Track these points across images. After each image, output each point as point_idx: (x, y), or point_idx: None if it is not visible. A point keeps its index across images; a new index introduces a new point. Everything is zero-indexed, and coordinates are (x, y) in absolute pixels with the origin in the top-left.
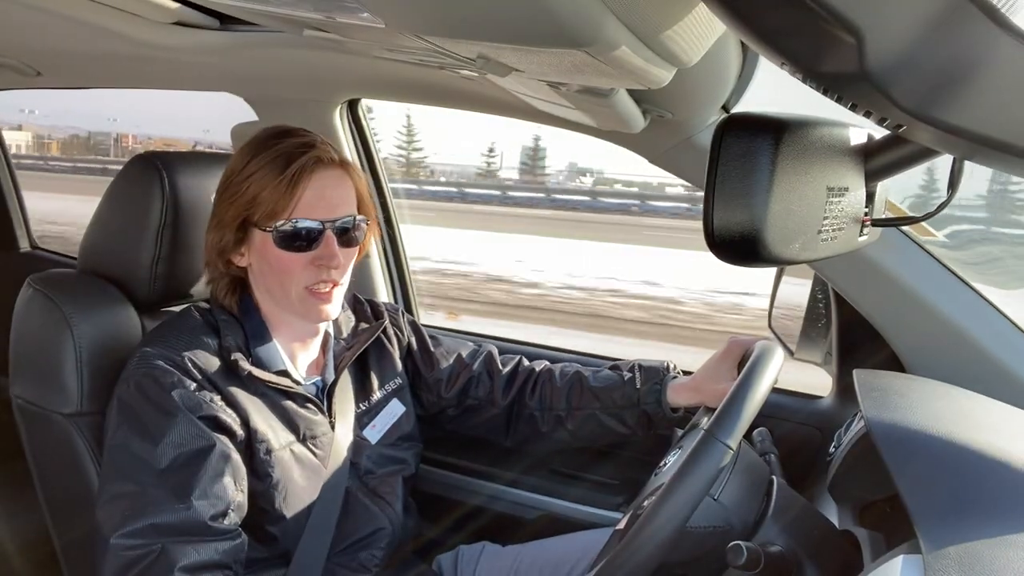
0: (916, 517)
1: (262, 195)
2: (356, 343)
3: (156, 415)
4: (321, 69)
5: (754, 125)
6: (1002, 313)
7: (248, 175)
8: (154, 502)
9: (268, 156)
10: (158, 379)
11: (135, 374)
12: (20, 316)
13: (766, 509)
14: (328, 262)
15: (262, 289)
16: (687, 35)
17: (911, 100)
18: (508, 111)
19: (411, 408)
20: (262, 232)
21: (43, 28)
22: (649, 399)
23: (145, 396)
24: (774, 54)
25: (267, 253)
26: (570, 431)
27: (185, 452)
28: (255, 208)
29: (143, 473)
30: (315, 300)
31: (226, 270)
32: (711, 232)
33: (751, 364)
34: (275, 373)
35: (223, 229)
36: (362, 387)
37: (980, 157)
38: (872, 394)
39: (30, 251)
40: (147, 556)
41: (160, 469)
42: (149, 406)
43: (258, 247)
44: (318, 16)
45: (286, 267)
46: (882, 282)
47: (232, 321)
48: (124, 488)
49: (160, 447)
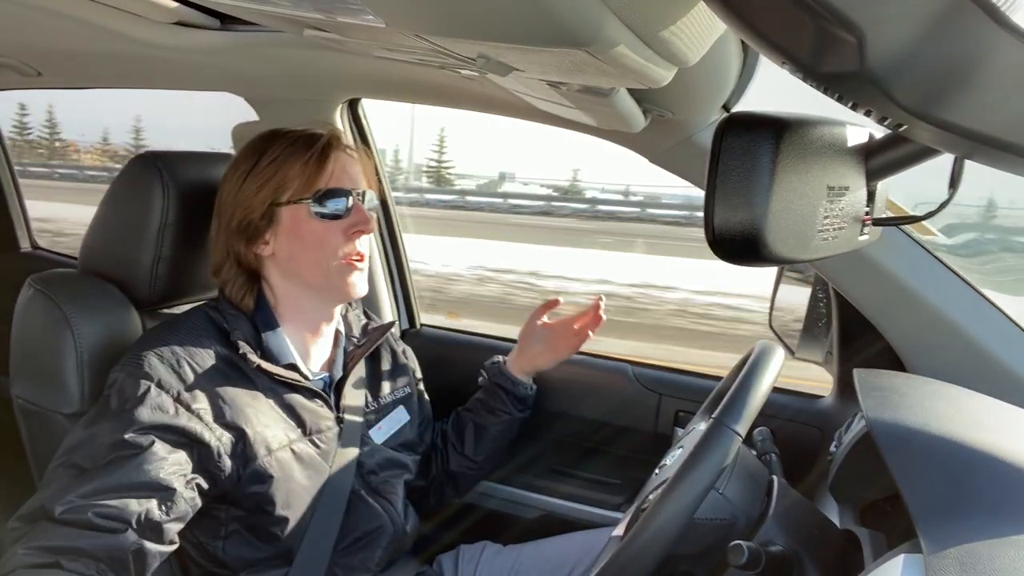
0: (917, 516)
1: (291, 173)
2: (367, 341)
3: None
4: (321, 69)
5: (755, 124)
6: (1003, 312)
7: (270, 161)
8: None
9: (286, 141)
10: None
11: (123, 367)
12: (21, 316)
13: (767, 508)
14: (364, 227)
15: (287, 274)
16: (688, 34)
17: (912, 99)
18: (508, 111)
19: (416, 418)
20: (294, 207)
21: (43, 28)
22: (497, 378)
23: (119, 391)
24: (774, 53)
25: (300, 228)
26: (482, 456)
27: (119, 455)
28: (286, 186)
29: (78, 451)
30: (349, 270)
31: (246, 263)
32: (712, 231)
33: (754, 359)
34: (284, 367)
35: (249, 215)
36: (372, 388)
37: (981, 156)
38: (873, 393)
39: (31, 251)
40: (20, 537)
41: (91, 459)
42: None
43: (288, 226)
44: (318, 16)
45: (322, 238)
46: (883, 281)
47: (240, 316)
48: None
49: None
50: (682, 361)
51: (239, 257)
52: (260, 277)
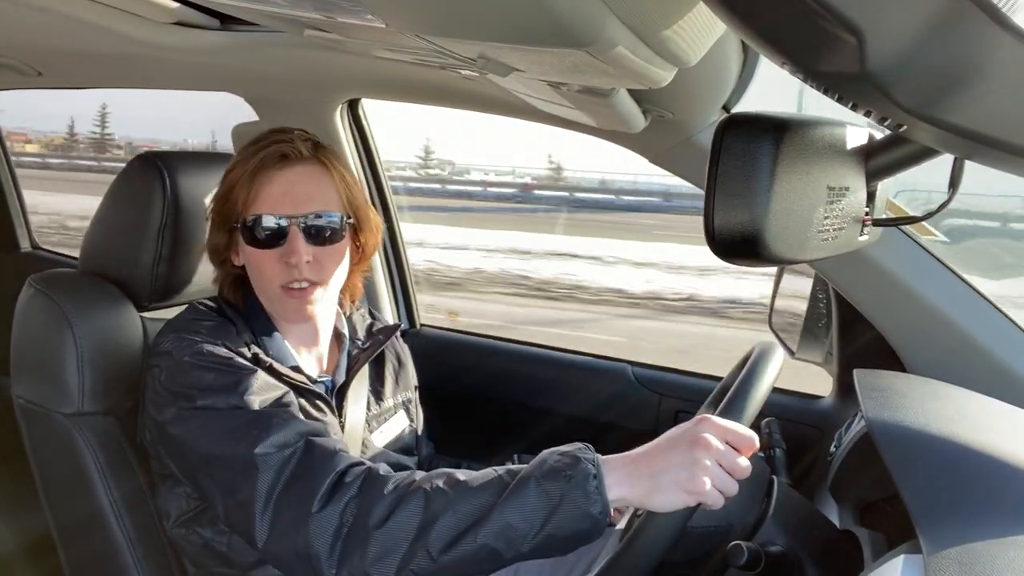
0: (917, 517)
1: (233, 192)
2: (372, 344)
3: (222, 375)
4: (322, 69)
5: (755, 125)
6: (1003, 313)
7: (227, 173)
8: (273, 419)
9: (246, 154)
10: (211, 351)
11: (181, 354)
12: (21, 316)
13: (767, 509)
14: (290, 259)
15: (256, 288)
16: (688, 35)
17: (912, 99)
18: (508, 111)
19: (417, 424)
20: (237, 230)
21: (43, 27)
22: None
23: (204, 366)
24: (774, 54)
25: (244, 251)
26: None
27: (268, 399)
28: (229, 205)
29: (246, 408)
30: (289, 298)
31: (229, 269)
32: (712, 232)
33: (753, 360)
34: (289, 368)
35: (215, 229)
36: (375, 390)
37: (981, 157)
38: (872, 394)
39: (31, 251)
40: (294, 453)
41: (257, 408)
42: (211, 373)
43: (238, 245)
44: (319, 16)
45: (258, 264)
46: (883, 282)
47: (240, 318)
48: (237, 420)
49: (245, 398)
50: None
51: (217, 266)
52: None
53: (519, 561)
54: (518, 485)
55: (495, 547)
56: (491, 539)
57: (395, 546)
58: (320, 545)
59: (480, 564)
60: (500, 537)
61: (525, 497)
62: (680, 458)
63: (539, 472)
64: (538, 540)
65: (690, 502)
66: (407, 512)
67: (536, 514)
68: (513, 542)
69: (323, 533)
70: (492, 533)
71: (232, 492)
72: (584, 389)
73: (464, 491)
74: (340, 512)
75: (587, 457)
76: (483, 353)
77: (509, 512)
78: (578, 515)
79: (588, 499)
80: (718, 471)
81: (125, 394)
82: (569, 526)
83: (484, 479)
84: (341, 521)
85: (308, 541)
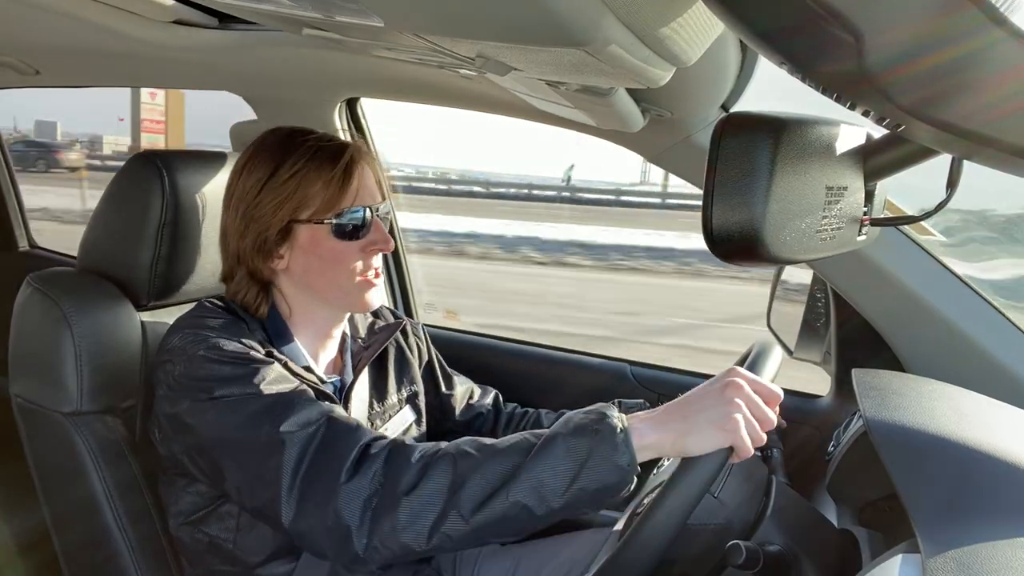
0: (915, 516)
1: (313, 191)
2: (375, 342)
3: (237, 368)
4: (320, 68)
5: (753, 124)
6: (1001, 312)
7: (290, 175)
8: (293, 401)
9: (306, 153)
10: (225, 345)
11: (195, 349)
12: (19, 315)
13: (765, 508)
14: (383, 245)
15: (300, 287)
16: (686, 34)
17: (910, 99)
18: (507, 110)
19: (422, 417)
20: (314, 227)
21: (41, 26)
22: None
23: (219, 360)
24: (773, 53)
25: (319, 247)
26: None
27: (284, 388)
28: (306, 205)
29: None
30: (366, 287)
31: (261, 274)
32: (710, 231)
33: (752, 359)
34: (302, 368)
35: (265, 231)
36: (378, 387)
37: (979, 156)
38: (871, 393)
39: (29, 250)
40: (318, 430)
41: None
42: (227, 366)
43: (305, 244)
44: (317, 15)
45: (340, 257)
46: (881, 281)
47: (254, 320)
48: (256, 405)
49: (262, 387)
50: None
51: (252, 271)
52: (272, 286)
53: (551, 519)
54: (546, 443)
55: (527, 503)
56: (522, 496)
57: (426, 510)
58: (350, 516)
59: (513, 523)
60: (532, 494)
61: (554, 454)
62: (713, 399)
63: (566, 429)
64: (569, 495)
65: (724, 442)
66: (436, 476)
67: (566, 469)
68: (544, 498)
69: (352, 504)
70: (523, 490)
71: (257, 474)
72: (582, 388)
73: (492, 453)
74: (368, 482)
75: (613, 413)
76: (481, 352)
77: (539, 469)
78: (607, 467)
79: (616, 451)
80: (749, 416)
81: (124, 393)
82: (598, 479)
83: (511, 441)
84: (370, 491)
85: (337, 513)
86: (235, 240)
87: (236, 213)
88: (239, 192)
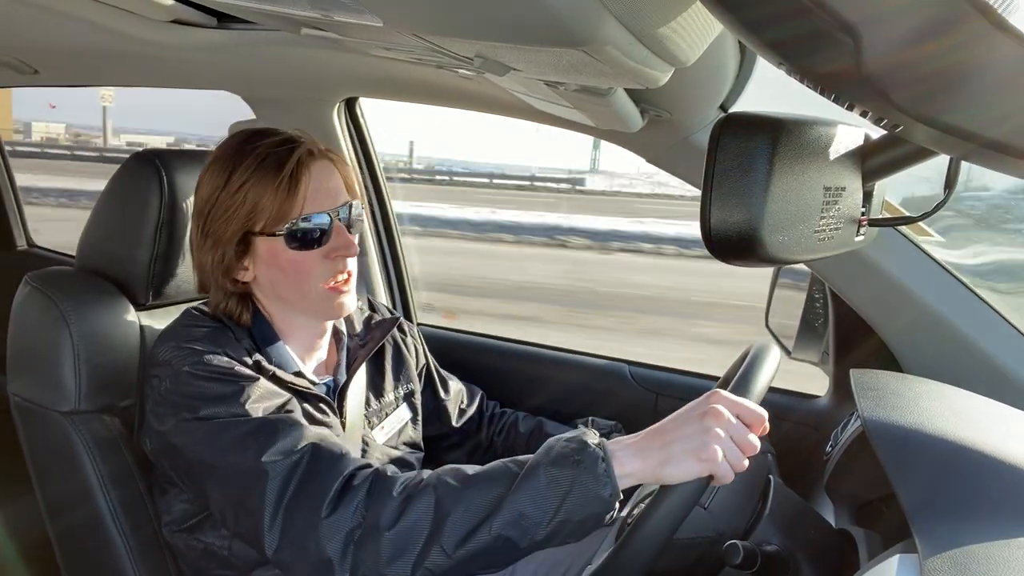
0: (912, 516)
1: (262, 202)
2: (371, 339)
3: (224, 385)
4: (319, 68)
5: (751, 125)
6: (999, 313)
7: (239, 186)
8: (277, 427)
9: (253, 161)
10: (212, 360)
11: (181, 364)
12: (18, 314)
13: (763, 508)
14: (346, 251)
15: (272, 298)
16: (685, 35)
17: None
18: (506, 110)
19: (418, 415)
20: (269, 238)
21: (40, 25)
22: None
23: (205, 376)
24: (771, 54)
25: (278, 259)
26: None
27: (271, 406)
28: (257, 217)
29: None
30: (335, 295)
31: (232, 288)
32: (708, 232)
33: (748, 363)
34: (292, 375)
35: (222, 247)
36: (375, 385)
37: (977, 157)
38: (868, 393)
39: (27, 249)
40: (301, 460)
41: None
42: (213, 383)
43: (265, 256)
44: (316, 15)
45: (301, 267)
46: (879, 282)
47: (240, 328)
48: (239, 430)
49: (248, 407)
50: None
51: (221, 285)
52: (250, 295)
53: (534, 550)
54: (528, 474)
55: (510, 537)
56: (505, 529)
57: (408, 545)
58: (332, 551)
59: (495, 555)
60: (514, 526)
61: (536, 485)
62: (692, 428)
63: (547, 459)
64: (552, 527)
65: (703, 472)
66: (418, 510)
67: (548, 501)
68: (527, 531)
69: (334, 538)
70: (506, 523)
71: (240, 502)
72: (581, 388)
73: (473, 484)
74: (351, 515)
75: (593, 441)
76: (478, 352)
77: (521, 501)
78: (589, 499)
79: (598, 482)
80: (729, 443)
81: (122, 392)
82: (581, 510)
83: (492, 471)
84: (352, 524)
85: (320, 547)
86: (198, 253)
87: (196, 224)
88: (198, 202)
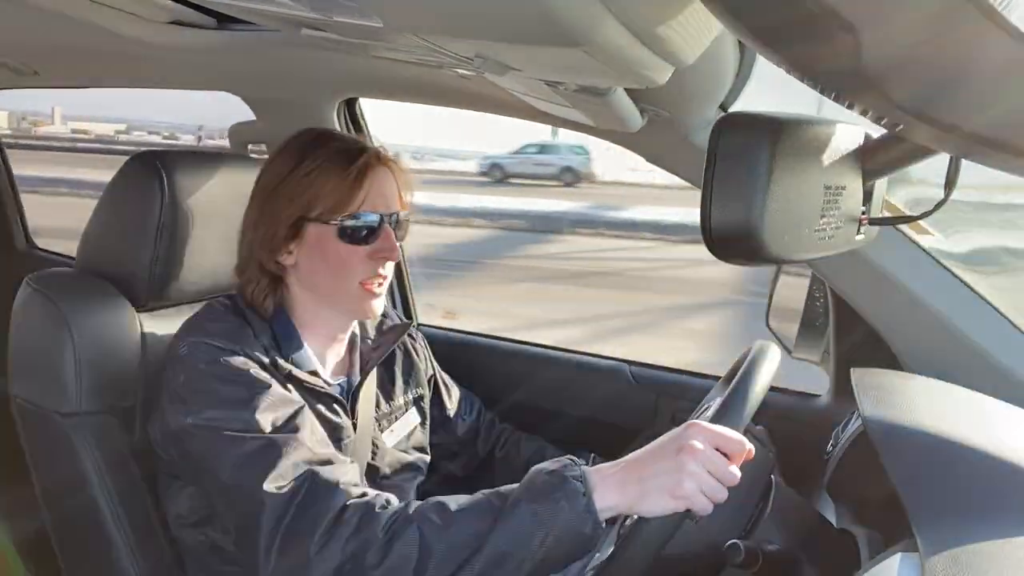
0: (913, 515)
1: (325, 190)
2: (384, 342)
3: (236, 389)
4: (319, 68)
5: (751, 124)
6: (999, 311)
7: (308, 171)
8: (282, 449)
9: (325, 154)
10: (228, 360)
11: (197, 360)
12: (18, 315)
13: (764, 508)
14: (389, 254)
15: (307, 286)
16: (685, 34)
17: (908, 98)
18: (506, 110)
19: (427, 420)
20: (322, 226)
21: (39, 26)
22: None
23: (219, 376)
24: (771, 52)
25: (325, 247)
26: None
27: (280, 417)
28: (317, 203)
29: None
30: (368, 296)
31: (271, 267)
32: (708, 231)
33: (748, 363)
34: (308, 373)
35: (275, 225)
36: (385, 388)
37: (977, 156)
38: (869, 392)
39: (27, 250)
40: (298, 490)
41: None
42: (226, 385)
43: (313, 243)
44: (315, 15)
45: (345, 261)
46: (879, 281)
47: (261, 322)
48: (245, 448)
49: (258, 417)
50: None
51: (261, 263)
52: (282, 282)
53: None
54: (509, 510)
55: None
56: (488, 568)
57: None
58: None
59: None
60: (497, 565)
61: (518, 522)
62: (667, 464)
63: (528, 495)
64: (534, 563)
65: (678, 507)
66: (402, 549)
67: (530, 538)
68: (510, 569)
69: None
70: (489, 562)
71: (238, 521)
72: (581, 388)
73: (456, 521)
74: (340, 551)
75: (574, 475)
76: (479, 352)
77: (503, 539)
78: (571, 536)
79: (579, 519)
80: (706, 477)
81: (123, 393)
82: (563, 546)
83: (475, 505)
84: (341, 560)
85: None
86: (249, 230)
87: (255, 204)
88: (260, 185)
